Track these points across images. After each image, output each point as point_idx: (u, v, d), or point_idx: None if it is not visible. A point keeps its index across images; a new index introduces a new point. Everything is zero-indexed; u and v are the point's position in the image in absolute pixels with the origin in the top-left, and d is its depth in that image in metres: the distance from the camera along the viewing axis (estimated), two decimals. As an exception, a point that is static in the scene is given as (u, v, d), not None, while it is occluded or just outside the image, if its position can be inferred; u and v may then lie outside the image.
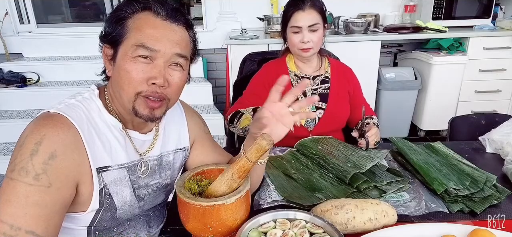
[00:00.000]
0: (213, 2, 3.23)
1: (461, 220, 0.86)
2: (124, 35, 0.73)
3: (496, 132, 1.25)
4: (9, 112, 2.94)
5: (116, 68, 0.75)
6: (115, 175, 0.78)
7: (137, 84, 0.73)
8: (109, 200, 0.77)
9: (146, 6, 0.74)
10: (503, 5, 3.18)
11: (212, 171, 0.87)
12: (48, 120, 0.69)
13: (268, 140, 0.70)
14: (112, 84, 0.79)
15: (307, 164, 1.12)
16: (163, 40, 0.73)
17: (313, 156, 1.15)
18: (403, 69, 3.01)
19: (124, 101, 0.75)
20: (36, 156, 0.64)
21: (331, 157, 1.11)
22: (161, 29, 0.73)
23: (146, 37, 0.72)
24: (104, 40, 0.77)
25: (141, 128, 0.85)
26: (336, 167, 1.05)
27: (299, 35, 1.32)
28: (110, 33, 0.75)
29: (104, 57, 0.78)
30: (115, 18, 0.74)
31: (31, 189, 0.63)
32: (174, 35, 0.75)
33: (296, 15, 1.31)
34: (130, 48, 0.72)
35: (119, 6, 0.76)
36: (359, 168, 1.01)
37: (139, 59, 0.72)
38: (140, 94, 0.73)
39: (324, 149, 1.17)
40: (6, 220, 0.61)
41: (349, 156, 1.11)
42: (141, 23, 0.73)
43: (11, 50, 3.30)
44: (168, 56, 0.74)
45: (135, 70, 0.72)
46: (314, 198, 0.94)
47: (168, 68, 0.75)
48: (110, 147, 0.77)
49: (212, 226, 0.72)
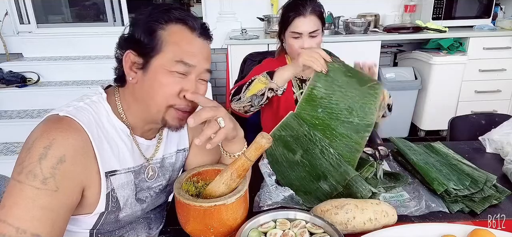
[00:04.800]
0: (213, 2, 3.23)
1: (461, 220, 0.86)
2: (159, 47, 0.72)
3: (496, 132, 1.25)
4: (9, 112, 2.94)
5: (147, 78, 0.74)
6: (123, 179, 0.78)
7: (170, 97, 0.74)
8: (115, 203, 0.78)
9: (181, 19, 0.74)
10: (503, 5, 3.18)
11: (208, 172, 0.87)
12: (58, 124, 0.68)
13: (267, 139, 0.70)
14: (135, 91, 0.77)
15: (309, 135, 1.06)
16: (198, 57, 0.75)
17: (316, 125, 1.07)
18: (403, 69, 3.01)
19: (152, 110, 0.75)
20: (45, 160, 0.64)
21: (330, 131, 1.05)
22: (196, 45, 0.75)
23: (185, 53, 0.73)
24: (130, 46, 0.74)
25: (148, 135, 0.85)
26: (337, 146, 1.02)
27: (299, 41, 1.30)
28: (141, 41, 0.72)
29: (126, 63, 0.74)
30: (148, 27, 0.72)
31: (39, 192, 0.63)
32: (206, 51, 0.78)
33: (296, 21, 1.28)
34: (168, 62, 0.72)
35: (153, 16, 0.73)
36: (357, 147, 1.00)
37: (176, 73, 0.73)
38: (172, 106, 0.75)
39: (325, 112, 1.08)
40: (13, 223, 0.61)
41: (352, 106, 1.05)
42: (178, 38, 0.73)
43: (11, 50, 3.30)
44: (200, 71, 0.76)
45: (172, 84, 0.73)
46: (318, 193, 0.95)
47: (197, 82, 0.77)
48: (118, 151, 0.77)
49: (213, 227, 0.72)
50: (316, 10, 1.30)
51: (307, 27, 1.28)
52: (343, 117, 1.05)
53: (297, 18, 1.28)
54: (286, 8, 1.33)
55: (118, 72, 0.79)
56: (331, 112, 1.07)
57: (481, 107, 3.00)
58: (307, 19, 1.28)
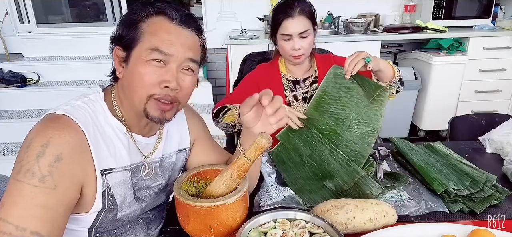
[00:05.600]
0: (213, 2, 3.23)
1: (461, 220, 0.86)
2: (138, 39, 0.73)
3: (496, 132, 1.25)
4: (9, 112, 2.94)
5: (128, 70, 0.75)
6: (119, 177, 0.78)
7: (150, 87, 0.73)
8: (112, 202, 0.78)
9: (161, 11, 0.75)
10: (503, 5, 3.18)
11: (208, 172, 0.87)
12: (54, 122, 0.69)
13: (267, 138, 0.70)
14: (122, 86, 0.78)
15: (319, 136, 1.08)
16: (176, 45, 0.74)
17: (322, 130, 1.10)
18: (403, 69, 3.00)
19: (136, 103, 0.75)
20: (42, 158, 0.64)
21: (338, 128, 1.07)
22: (175, 34, 0.74)
23: (161, 41, 0.72)
24: (116, 42, 0.77)
25: (146, 132, 0.85)
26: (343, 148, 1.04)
27: (289, 43, 1.30)
28: (123, 36, 0.75)
29: (115, 59, 0.78)
30: (129, 21, 0.74)
31: (37, 191, 0.63)
32: (187, 40, 0.76)
33: (285, 23, 1.28)
34: (145, 51, 0.72)
35: (134, 9, 0.76)
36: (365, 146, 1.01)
37: (153, 62, 0.72)
38: (152, 97, 0.74)
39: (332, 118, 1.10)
40: (12, 221, 0.61)
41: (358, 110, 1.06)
42: (156, 28, 0.73)
43: (11, 50, 3.30)
44: (181, 61, 0.75)
45: (149, 74, 0.72)
46: (323, 191, 0.97)
47: (180, 72, 0.76)
48: (114, 149, 0.77)
49: (213, 227, 0.72)
50: (305, 10, 1.29)
51: (296, 28, 1.27)
52: (349, 123, 1.07)
53: (286, 20, 1.28)
54: (275, 10, 1.33)
55: (112, 70, 0.81)
56: (337, 118, 1.09)
57: (481, 107, 3.00)
58: (296, 20, 1.27)
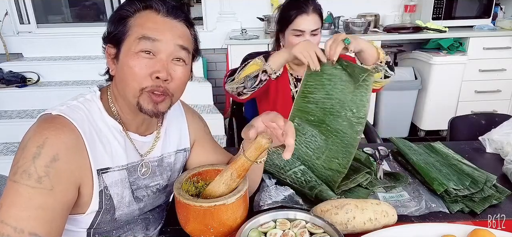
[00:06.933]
0: (213, 2, 3.23)
1: (461, 220, 0.86)
2: (126, 33, 0.74)
3: (496, 132, 1.25)
4: (9, 112, 2.94)
5: (119, 65, 0.75)
6: (116, 176, 0.78)
7: (141, 79, 0.73)
8: (109, 202, 0.77)
9: (147, 5, 0.75)
10: (503, 5, 3.18)
11: (208, 172, 0.87)
12: (50, 123, 0.69)
13: (267, 139, 0.70)
14: (116, 82, 0.78)
15: (312, 132, 1.07)
16: (165, 33, 0.73)
17: (312, 122, 1.08)
18: (403, 69, 3.01)
19: (129, 97, 0.75)
20: (39, 159, 0.64)
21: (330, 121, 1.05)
22: (162, 23, 0.74)
23: (148, 29, 0.72)
24: (106, 40, 0.77)
25: (143, 131, 0.85)
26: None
27: (300, 39, 1.31)
28: (112, 32, 0.75)
29: (107, 57, 0.78)
30: (117, 18, 0.75)
31: (34, 191, 0.63)
32: (176, 29, 0.76)
33: (299, 19, 1.30)
34: (133, 43, 0.72)
35: (121, 6, 0.76)
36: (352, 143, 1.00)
37: (142, 54, 0.72)
38: (144, 89, 0.73)
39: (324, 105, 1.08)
40: (10, 223, 0.61)
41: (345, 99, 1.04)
42: (143, 20, 0.74)
43: (11, 50, 3.30)
44: (171, 49, 0.74)
45: (139, 65, 0.72)
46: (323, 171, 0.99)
47: (171, 63, 0.75)
48: (111, 148, 0.77)
49: (213, 227, 0.72)
50: (318, 9, 1.33)
51: (310, 25, 1.30)
52: (335, 111, 1.04)
53: (300, 16, 1.30)
54: (287, 7, 1.35)
55: (107, 69, 0.81)
56: (323, 107, 1.06)
57: (481, 107, 3.00)
58: (310, 17, 1.30)
